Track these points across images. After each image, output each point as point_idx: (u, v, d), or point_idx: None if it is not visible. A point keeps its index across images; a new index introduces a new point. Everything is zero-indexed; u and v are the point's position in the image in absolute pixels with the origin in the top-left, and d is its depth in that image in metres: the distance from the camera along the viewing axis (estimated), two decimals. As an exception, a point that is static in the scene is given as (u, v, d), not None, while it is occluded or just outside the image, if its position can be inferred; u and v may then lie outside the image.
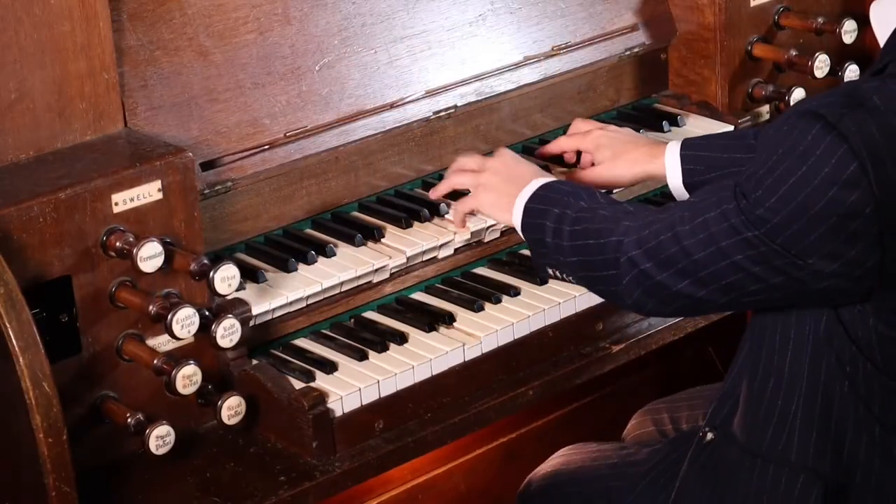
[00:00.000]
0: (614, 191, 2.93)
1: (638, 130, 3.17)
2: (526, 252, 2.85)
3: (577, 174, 2.91)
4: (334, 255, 2.75)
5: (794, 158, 2.14)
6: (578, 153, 2.98)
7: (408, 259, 2.78)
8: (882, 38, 2.28)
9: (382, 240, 2.80)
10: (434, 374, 2.61)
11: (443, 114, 2.98)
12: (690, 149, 2.81)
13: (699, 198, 2.31)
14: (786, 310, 2.33)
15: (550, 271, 2.54)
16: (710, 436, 2.49)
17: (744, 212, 2.19)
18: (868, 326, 2.26)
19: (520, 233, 2.60)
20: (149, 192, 2.46)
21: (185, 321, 2.40)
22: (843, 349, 2.29)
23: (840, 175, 2.11)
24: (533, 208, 2.55)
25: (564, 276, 2.52)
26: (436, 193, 2.85)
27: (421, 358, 2.61)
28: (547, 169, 2.91)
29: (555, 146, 3.00)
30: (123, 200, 2.43)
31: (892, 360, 2.28)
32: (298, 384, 2.54)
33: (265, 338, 2.66)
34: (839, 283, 2.19)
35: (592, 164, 2.91)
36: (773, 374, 2.37)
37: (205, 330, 2.45)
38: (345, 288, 2.73)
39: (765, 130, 2.24)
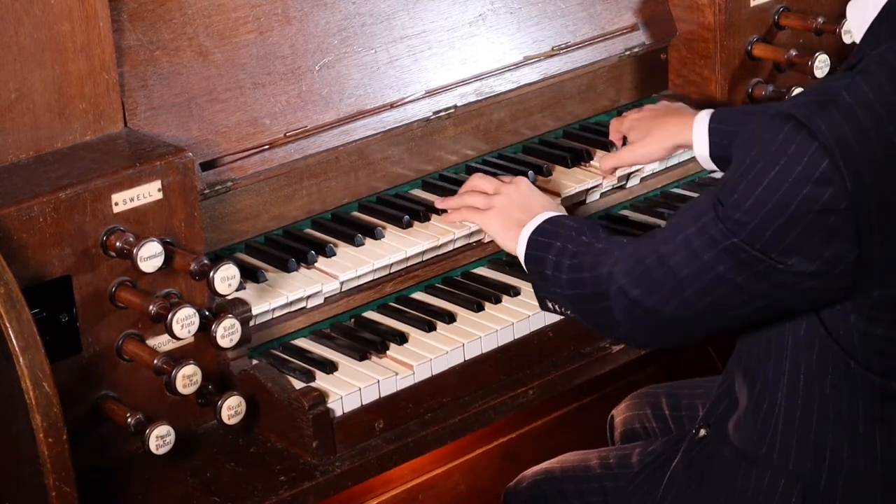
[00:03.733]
0: (649, 168, 3.06)
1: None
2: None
3: (614, 156, 3.00)
4: (334, 255, 2.75)
5: (766, 160, 2.16)
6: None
7: (408, 259, 2.78)
8: (858, 36, 2.30)
9: (382, 240, 2.80)
10: (434, 374, 2.61)
11: (443, 114, 2.98)
12: (718, 121, 2.88)
13: (678, 217, 2.33)
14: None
15: (550, 304, 2.55)
16: (703, 432, 2.51)
17: (722, 219, 2.21)
18: (849, 324, 2.27)
19: (522, 263, 2.61)
20: (149, 192, 2.46)
21: (185, 321, 2.40)
22: (824, 349, 2.30)
23: (813, 173, 2.12)
24: (537, 241, 2.56)
25: (564, 309, 2.53)
26: (444, 204, 2.86)
27: (421, 358, 2.61)
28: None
29: (613, 133, 3.11)
30: (123, 200, 2.43)
31: (873, 356, 2.29)
32: (298, 384, 2.54)
33: (265, 338, 2.66)
34: (820, 284, 2.20)
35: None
36: (759, 377, 2.39)
37: (205, 330, 2.45)
38: (345, 288, 2.73)
39: (738, 136, 2.26)
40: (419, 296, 2.81)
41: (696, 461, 2.49)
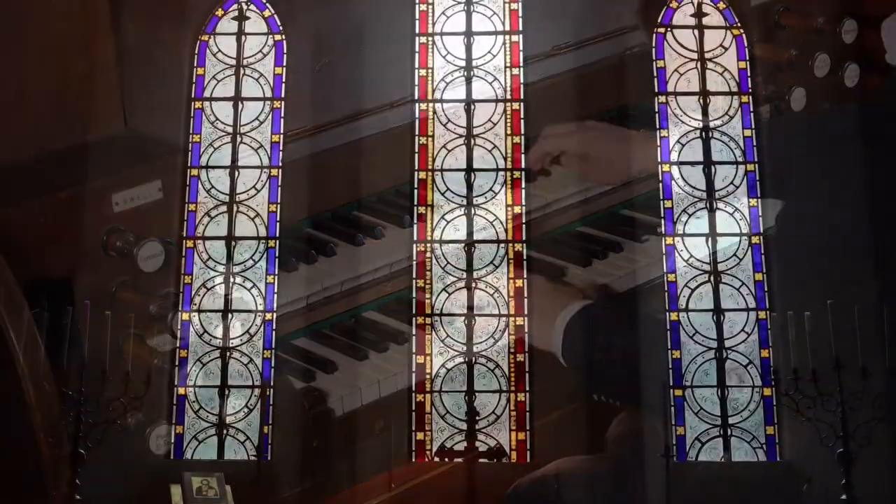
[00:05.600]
0: None
1: (638, 131, 3.17)
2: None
3: None
4: (334, 254, 2.75)
5: None
6: None
7: (408, 259, 2.77)
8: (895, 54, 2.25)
9: (382, 240, 2.80)
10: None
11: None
12: None
13: None
14: None
15: None
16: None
17: None
18: None
19: None
20: (149, 192, 2.46)
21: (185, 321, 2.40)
22: None
23: None
24: None
25: None
26: None
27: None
28: None
29: None
30: (123, 200, 2.43)
31: None
32: (298, 384, 2.54)
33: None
34: None
35: None
36: None
37: (205, 330, 2.45)
38: (345, 288, 2.72)
39: None
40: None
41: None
